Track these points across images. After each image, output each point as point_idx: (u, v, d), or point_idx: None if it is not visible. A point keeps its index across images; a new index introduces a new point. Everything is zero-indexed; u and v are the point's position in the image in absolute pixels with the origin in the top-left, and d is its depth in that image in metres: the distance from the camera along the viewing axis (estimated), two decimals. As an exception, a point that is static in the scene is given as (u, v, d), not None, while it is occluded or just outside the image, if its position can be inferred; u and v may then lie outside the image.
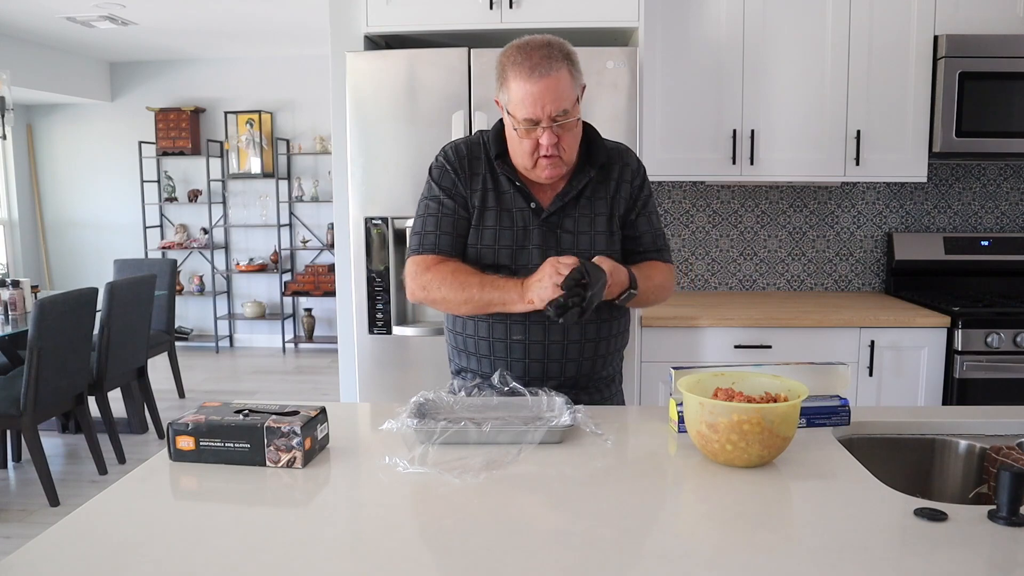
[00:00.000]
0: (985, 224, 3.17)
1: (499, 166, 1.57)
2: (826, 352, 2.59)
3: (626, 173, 1.63)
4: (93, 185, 6.77)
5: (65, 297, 3.29)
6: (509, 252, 1.57)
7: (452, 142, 1.64)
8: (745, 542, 0.97)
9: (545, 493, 1.13)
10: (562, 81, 1.45)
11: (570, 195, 1.57)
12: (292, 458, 1.20)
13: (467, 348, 1.64)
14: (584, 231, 1.58)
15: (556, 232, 1.58)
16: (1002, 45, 2.68)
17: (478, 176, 1.59)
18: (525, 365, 1.58)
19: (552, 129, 1.46)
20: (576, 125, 1.51)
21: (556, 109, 1.45)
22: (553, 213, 1.57)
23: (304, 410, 1.27)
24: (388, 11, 2.48)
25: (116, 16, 4.93)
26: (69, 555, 0.94)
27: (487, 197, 1.58)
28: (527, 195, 1.57)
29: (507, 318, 1.56)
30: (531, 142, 1.49)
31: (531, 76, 1.44)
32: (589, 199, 1.59)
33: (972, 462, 1.41)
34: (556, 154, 1.49)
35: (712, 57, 2.79)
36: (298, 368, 5.99)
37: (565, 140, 1.49)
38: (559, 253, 1.55)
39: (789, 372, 1.39)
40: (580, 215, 1.59)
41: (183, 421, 1.23)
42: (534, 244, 1.57)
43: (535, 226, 1.57)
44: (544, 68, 1.44)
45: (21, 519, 3.18)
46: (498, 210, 1.57)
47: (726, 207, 3.19)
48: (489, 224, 1.57)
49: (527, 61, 1.44)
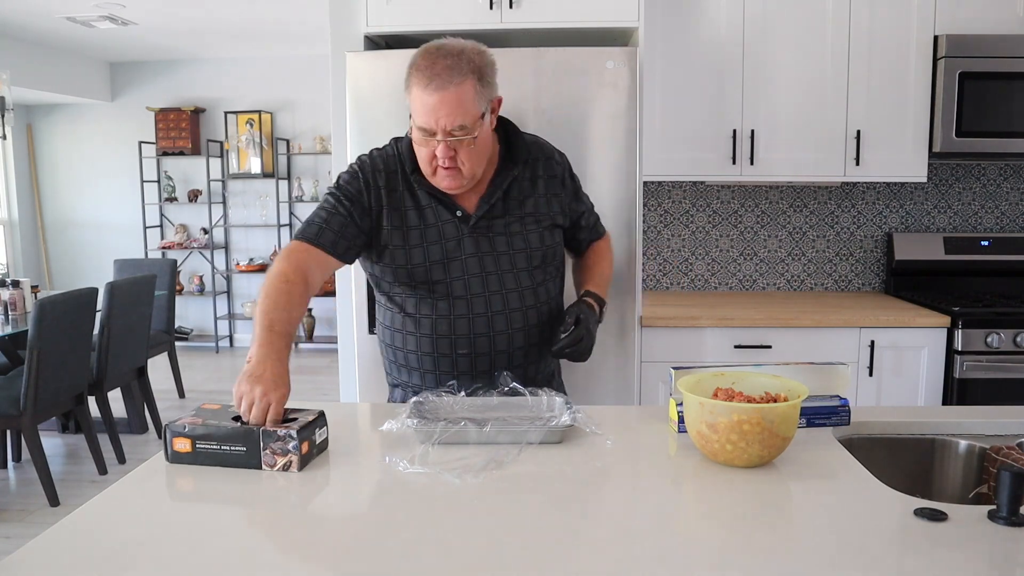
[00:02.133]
0: (985, 224, 3.17)
1: (416, 180, 1.52)
2: (826, 352, 2.59)
3: (551, 166, 1.61)
4: (93, 185, 6.77)
5: (65, 297, 3.29)
6: (441, 266, 1.53)
7: (371, 153, 1.58)
8: (745, 542, 0.97)
9: (545, 493, 1.13)
10: (463, 96, 1.39)
11: (496, 196, 1.53)
12: (288, 462, 1.19)
13: (408, 363, 1.61)
14: (517, 231, 1.55)
15: (489, 236, 1.54)
16: (1002, 45, 2.68)
17: (396, 193, 1.53)
18: (472, 376, 1.56)
19: (447, 142, 1.41)
20: (476, 141, 1.43)
21: (451, 124, 1.39)
22: (482, 218, 1.53)
23: (304, 413, 1.26)
24: (388, 11, 2.48)
25: (116, 16, 4.93)
26: (69, 555, 0.94)
27: (408, 215, 1.53)
28: (450, 204, 1.53)
29: (451, 332, 1.54)
30: (428, 151, 1.45)
31: (428, 86, 1.38)
32: (518, 198, 1.56)
33: (972, 462, 1.41)
34: (454, 166, 1.44)
35: (712, 57, 2.79)
36: (298, 368, 5.99)
37: (464, 154, 1.44)
38: (496, 259, 1.54)
39: (789, 372, 1.39)
40: (511, 216, 1.55)
41: (180, 423, 1.23)
42: (467, 254, 1.53)
43: (465, 235, 1.53)
44: (444, 80, 1.38)
45: (21, 519, 3.18)
46: (422, 227, 1.52)
47: (726, 207, 3.19)
48: (415, 243, 1.52)
49: (429, 69, 1.39)
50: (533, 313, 1.59)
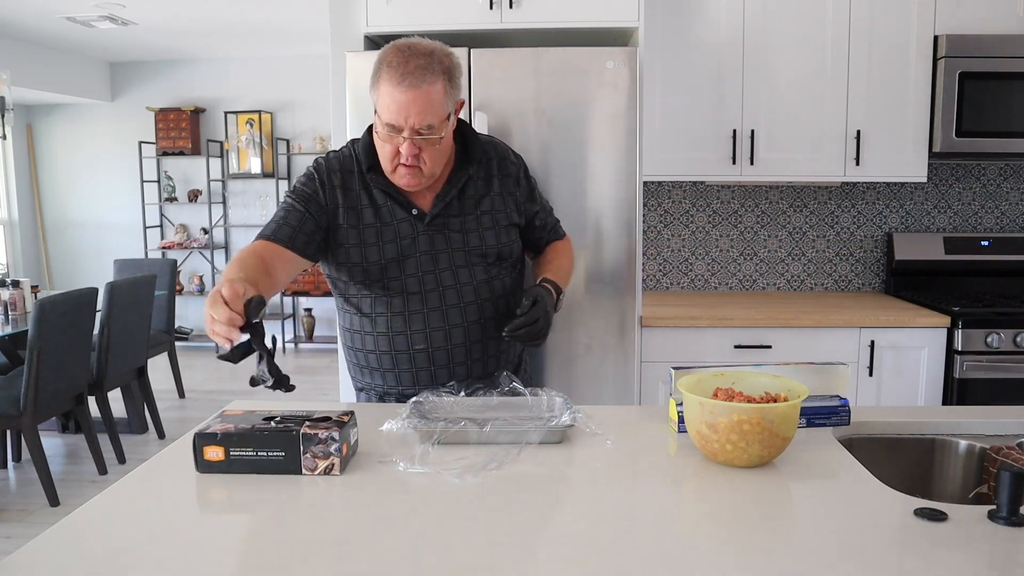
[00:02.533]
0: (985, 224, 3.17)
1: (371, 179, 1.53)
2: (826, 352, 2.59)
3: (506, 166, 1.62)
4: (93, 185, 6.77)
5: (65, 297, 3.29)
6: (396, 264, 1.54)
7: (326, 156, 1.60)
8: (745, 542, 0.97)
9: (545, 493, 1.13)
10: (433, 95, 1.41)
11: (451, 194, 1.55)
12: (329, 465, 1.17)
13: (369, 364, 1.62)
14: (472, 229, 1.57)
15: (444, 233, 1.56)
16: (1002, 45, 2.68)
17: (352, 192, 1.55)
18: (431, 373, 1.57)
19: (413, 141, 1.43)
20: (441, 141, 1.46)
21: (420, 123, 1.41)
22: (437, 216, 1.55)
23: (332, 415, 1.23)
24: (388, 11, 2.48)
25: (116, 16, 4.93)
26: (69, 555, 0.94)
27: (364, 214, 1.54)
28: (405, 203, 1.54)
29: (407, 328, 1.55)
30: (392, 148, 1.46)
31: (400, 84, 1.39)
32: (473, 196, 1.58)
33: (972, 462, 1.41)
34: (415, 164, 1.46)
35: (712, 57, 2.79)
36: (298, 368, 5.99)
37: (427, 153, 1.46)
38: (450, 255, 1.55)
39: (789, 372, 1.39)
40: (466, 213, 1.57)
41: (211, 431, 1.17)
42: (421, 251, 1.55)
43: (420, 232, 1.54)
44: (416, 79, 1.39)
45: (21, 519, 3.18)
46: (378, 226, 1.54)
47: (726, 207, 3.19)
48: (371, 241, 1.53)
49: (401, 67, 1.40)
50: (489, 305, 1.60)
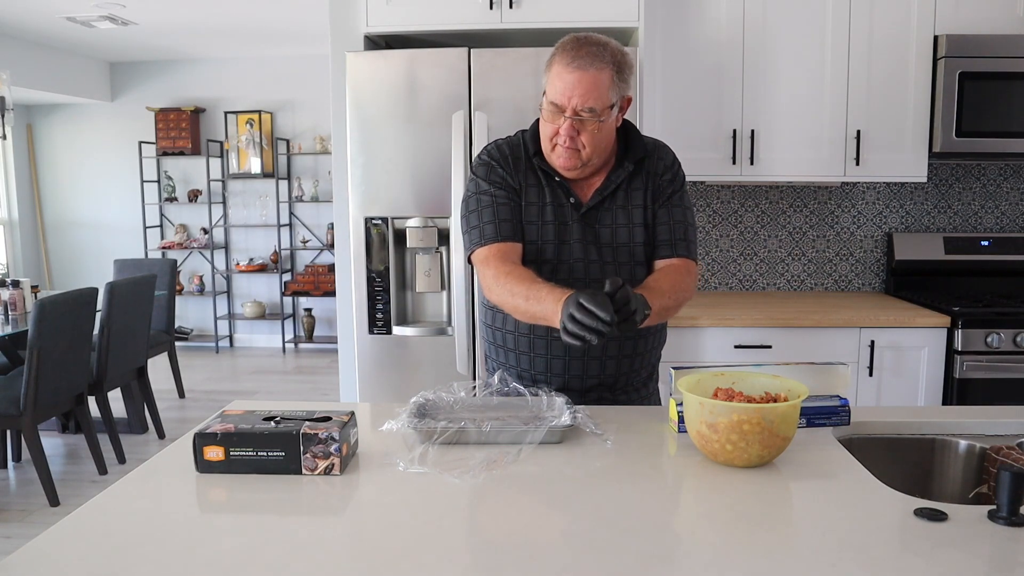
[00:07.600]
0: (985, 224, 3.17)
1: (538, 163, 1.59)
2: (826, 352, 2.59)
3: (658, 167, 1.64)
4: (93, 185, 6.77)
5: (65, 297, 3.29)
6: (553, 246, 1.58)
7: (491, 143, 1.65)
8: (745, 542, 0.97)
9: (545, 493, 1.13)
10: (599, 81, 1.45)
11: (608, 190, 1.59)
12: (330, 465, 1.17)
13: (506, 344, 1.65)
14: (622, 224, 1.60)
15: (594, 227, 1.59)
16: (1002, 45, 2.68)
17: (521, 172, 1.61)
18: (565, 362, 1.59)
19: (573, 122, 1.47)
20: (601, 127, 1.49)
21: (582, 104, 1.45)
22: (592, 208, 1.59)
23: (333, 414, 1.23)
24: (388, 11, 2.48)
25: (116, 16, 4.93)
26: (69, 555, 0.94)
27: (529, 192, 1.60)
28: (566, 190, 1.59)
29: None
30: (552, 127, 1.51)
31: (570, 64, 1.45)
32: (626, 193, 1.61)
33: (972, 462, 1.41)
34: (573, 147, 1.50)
35: (712, 57, 2.79)
36: (298, 368, 5.99)
37: (585, 137, 1.49)
38: (598, 247, 1.58)
39: (789, 372, 1.39)
40: (618, 209, 1.60)
41: (211, 431, 1.17)
42: (575, 239, 1.58)
43: (575, 221, 1.59)
44: (586, 61, 1.45)
45: (21, 519, 3.18)
46: (540, 205, 1.59)
47: (726, 207, 3.19)
48: (532, 219, 1.59)
49: (575, 50, 1.46)
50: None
